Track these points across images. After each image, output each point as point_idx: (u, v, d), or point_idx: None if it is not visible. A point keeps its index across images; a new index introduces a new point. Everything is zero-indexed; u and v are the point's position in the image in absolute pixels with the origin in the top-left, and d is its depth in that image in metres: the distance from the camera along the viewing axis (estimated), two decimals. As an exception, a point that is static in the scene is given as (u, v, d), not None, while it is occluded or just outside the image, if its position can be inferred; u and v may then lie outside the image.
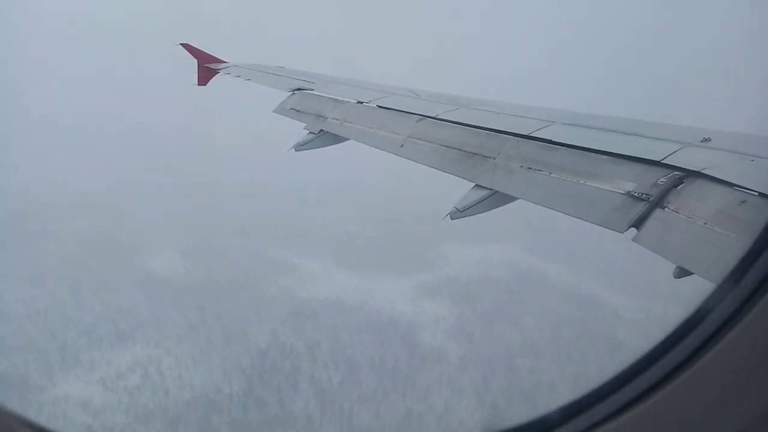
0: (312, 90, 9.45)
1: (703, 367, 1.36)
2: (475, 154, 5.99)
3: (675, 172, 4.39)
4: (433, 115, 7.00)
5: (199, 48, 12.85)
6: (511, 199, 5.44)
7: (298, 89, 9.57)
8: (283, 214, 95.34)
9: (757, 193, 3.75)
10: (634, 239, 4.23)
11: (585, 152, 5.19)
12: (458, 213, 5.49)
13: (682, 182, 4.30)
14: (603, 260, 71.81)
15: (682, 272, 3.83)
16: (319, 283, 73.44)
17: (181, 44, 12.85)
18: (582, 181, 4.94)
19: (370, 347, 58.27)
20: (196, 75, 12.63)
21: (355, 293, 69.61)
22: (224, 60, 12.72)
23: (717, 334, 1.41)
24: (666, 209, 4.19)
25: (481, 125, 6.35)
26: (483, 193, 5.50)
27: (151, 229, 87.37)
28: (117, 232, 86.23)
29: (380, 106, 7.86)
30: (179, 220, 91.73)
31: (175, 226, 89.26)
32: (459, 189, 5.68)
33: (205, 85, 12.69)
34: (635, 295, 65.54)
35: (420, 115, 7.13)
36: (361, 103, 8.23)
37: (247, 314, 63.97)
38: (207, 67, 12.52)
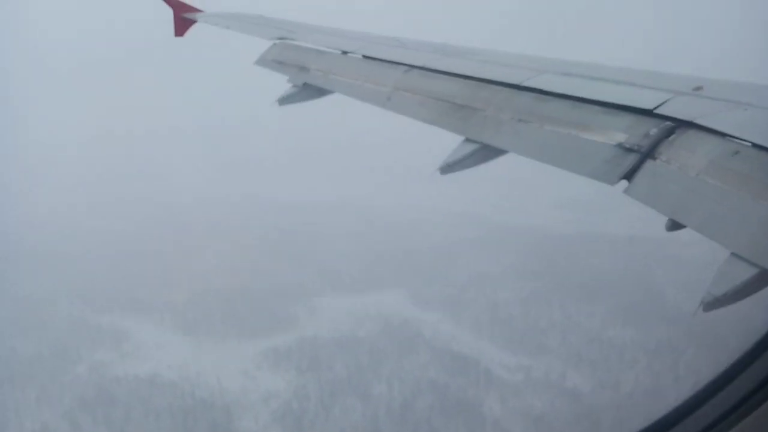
0: (294, 40, 9.12)
1: None
2: (464, 106, 5.85)
3: (666, 122, 4.32)
4: (420, 65, 6.80)
5: None
6: (500, 152, 5.35)
7: (280, 39, 9.24)
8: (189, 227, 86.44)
9: (750, 144, 3.69)
10: (625, 191, 4.19)
11: (577, 102, 5.09)
12: (448, 168, 5.39)
13: (673, 132, 4.23)
14: (490, 306, 63.87)
15: (674, 225, 3.81)
16: (145, 353, 61.75)
17: None
18: (573, 133, 4.86)
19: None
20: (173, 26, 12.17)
21: (180, 366, 58.53)
22: (199, 9, 12.26)
23: None
24: (657, 160, 4.14)
25: (470, 75, 6.18)
26: (473, 147, 5.40)
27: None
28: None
29: (366, 56, 7.62)
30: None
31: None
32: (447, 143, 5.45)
33: (182, 35, 12.24)
34: (518, 350, 57.87)
35: (407, 65, 6.92)
36: (346, 53, 7.97)
37: (27, 403, 53.42)
38: (183, 17, 12.06)
